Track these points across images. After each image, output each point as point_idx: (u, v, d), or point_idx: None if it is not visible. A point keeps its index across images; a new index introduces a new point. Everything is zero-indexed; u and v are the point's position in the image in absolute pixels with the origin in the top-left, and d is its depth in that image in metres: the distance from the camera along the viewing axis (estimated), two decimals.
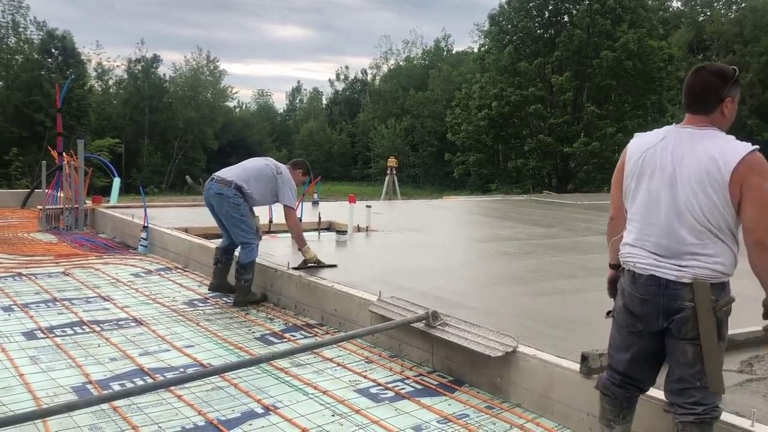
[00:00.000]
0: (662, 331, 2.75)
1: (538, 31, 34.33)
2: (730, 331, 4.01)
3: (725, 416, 2.98)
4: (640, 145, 2.88)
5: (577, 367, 3.52)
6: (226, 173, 5.95)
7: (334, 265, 6.20)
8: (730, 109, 2.78)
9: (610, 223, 3.10)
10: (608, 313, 3.01)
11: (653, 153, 2.79)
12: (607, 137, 30.37)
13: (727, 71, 2.78)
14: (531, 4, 33.77)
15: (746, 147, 2.65)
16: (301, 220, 8.00)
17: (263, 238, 6.70)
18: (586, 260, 7.23)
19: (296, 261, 6.14)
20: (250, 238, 5.91)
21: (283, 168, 6.14)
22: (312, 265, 6.05)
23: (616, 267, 3.03)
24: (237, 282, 5.97)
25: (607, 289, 3.11)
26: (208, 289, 6.30)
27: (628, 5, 31.39)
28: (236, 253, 6.08)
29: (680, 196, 2.69)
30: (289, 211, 6.02)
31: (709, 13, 41.96)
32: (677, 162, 2.71)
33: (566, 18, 33.65)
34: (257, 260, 6.23)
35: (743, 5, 39.53)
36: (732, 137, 2.73)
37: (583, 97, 32.44)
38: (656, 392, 3.14)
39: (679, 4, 43.58)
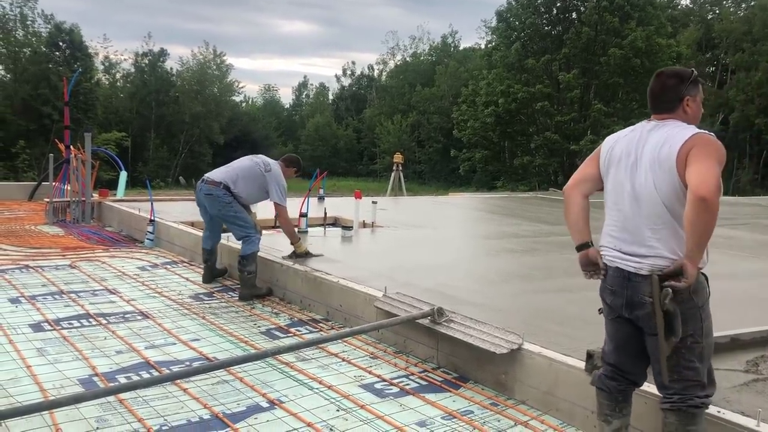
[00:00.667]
0: (634, 322, 2.85)
1: (546, 28, 34.27)
2: (735, 331, 4.02)
3: (730, 416, 2.98)
4: (612, 138, 3.04)
5: (582, 364, 3.52)
6: (215, 174, 6.09)
7: (321, 255, 6.38)
8: (692, 108, 2.87)
9: (564, 198, 3.20)
10: (600, 309, 3.08)
11: (621, 145, 2.93)
12: None
13: (684, 72, 2.89)
14: (539, 1, 33.71)
15: (698, 130, 2.74)
16: (307, 215, 8.02)
17: (268, 233, 6.76)
18: None
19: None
20: (249, 231, 6.00)
21: (273, 165, 6.18)
22: (302, 256, 6.20)
23: (579, 248, 3.07)
24: (240, 275, 6.02)
25: (583, 272, 3.08)
26: (203, 281, 6.50)
27: (636, 3, 31.31)
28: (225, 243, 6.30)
29: (637, 181, 2.81)
30: (278, 208, 6.10)
31: (717, 11, 41.75)
32: (639, 151, 2.84)
33: (574, 15, 33.59)
34: (263, 255, 6.29)
35: (752, 3, 39.32)
36: (693, 126, 2.80)
37: (590, 94, 32.39)
38: None
39: (688, 1, 43.44)
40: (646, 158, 2.79)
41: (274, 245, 6.87)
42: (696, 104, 2.87)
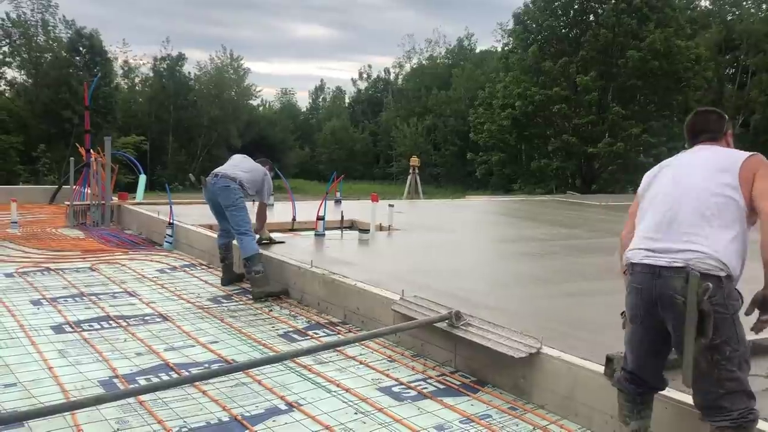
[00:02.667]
0: (663, 325, 2.78)
1: (563, 31, 34.08)
2: (756, 337, 3.96)
3: None
4: (652, 170, 3.13)
5: (601, 369, 3.49)
6: (229, 170, 6.44)
7: (283, 242, 7.24)
8: (730, 143, 3.09)
9: (622, 243, 3.16)
10: (622, 313, 3.05)
11: (666, 165, 3.06)
12: (632, 138, 30.07)
13: (722, 112, 3.17)
14: (556, 3, 33.53)
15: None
16: (324, 218, 8.06)
17: (286, 236, 6.92)
18: (611, 262, 7.12)
19: (319, 259, 6.27)
20: (247, 228, 6.28)
21: (266, 169, 6.79)
22: (266, 242, 6.94)
23: None
24: (249, 275, 6.15)
25: None
26: (221, 284, 6.60)
27: (654, 4, 31.02)
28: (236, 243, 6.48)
29: (685, 181, 2.85)
30: (264, 206, 6.83)
31: (738, 12, 41.25)
32: (689, 161, 2.94)
33: (592, 17, 33.36)
34: (281, 258, 6.34)
35: None
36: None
37: (608, 97, 32.14)
38: (682, 395, 3.12)
39: (707, 3, 42.95)
40: (700, 163, 2.89)
41: (290, 249, 6.91)
42: (732, 141, 3.10)
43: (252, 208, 6.74)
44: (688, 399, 3.09)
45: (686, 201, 2.79)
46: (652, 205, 2.95)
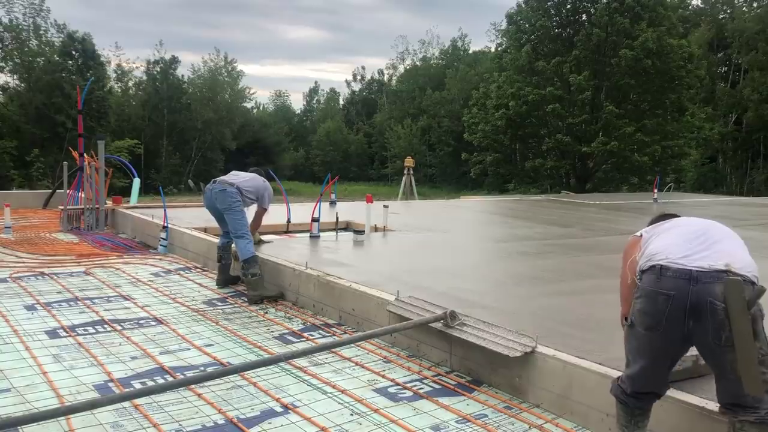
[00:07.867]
0: (687, 335, 2.69)
1: (556, 30, 34.20)
2: None
3: None
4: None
5: (597, 368, 3.50)
6: (228, 178, 6.70)
7: (271, 241, 7.50)
8: None
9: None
10: (625, 319, 2.99)
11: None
12: (625, 137, 30.17)
13: None
14: (549, 3, 33.66)
15: None
16: (319, 220, 8.07)
17: (278, 238, 6.93)
18: (606, 260, 7.17)
19: (314, 261, 6.25)
20: (245, 231, 6.38)
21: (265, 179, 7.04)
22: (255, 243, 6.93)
23: None
24: (245, 278, 6.17)
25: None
26: (216, 285, 6.65)
27: (647, 3, 31.16)
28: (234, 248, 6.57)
29: (707, 221, 3.01)
30: (264, 212, 6.96)
31: (729, 11, 41.42)
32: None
33: (584, 17, 33.50)
34: (276, 261, 6.33)
35: (765, 2, 38.99)
36: None
37: (601, 96, 32.24)
38: (684, 395, 3.12)
39: (699, 1, 43.14)
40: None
41: (286, 251, 6.90)
42: None
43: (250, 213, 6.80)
44: (690, 399, 3.10)
45: (716, 227, 2.90)
46: (673, 229, 2.96)
